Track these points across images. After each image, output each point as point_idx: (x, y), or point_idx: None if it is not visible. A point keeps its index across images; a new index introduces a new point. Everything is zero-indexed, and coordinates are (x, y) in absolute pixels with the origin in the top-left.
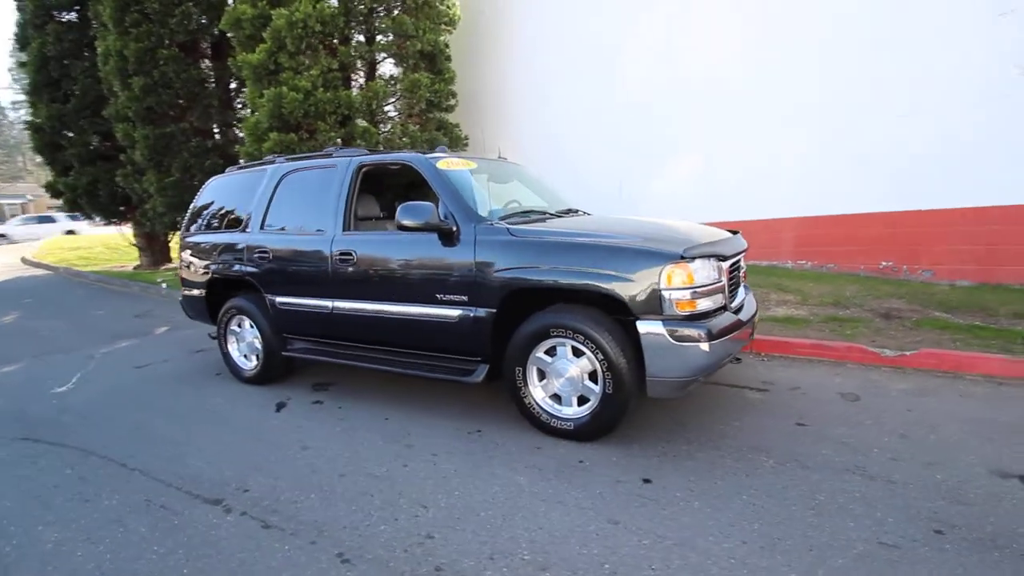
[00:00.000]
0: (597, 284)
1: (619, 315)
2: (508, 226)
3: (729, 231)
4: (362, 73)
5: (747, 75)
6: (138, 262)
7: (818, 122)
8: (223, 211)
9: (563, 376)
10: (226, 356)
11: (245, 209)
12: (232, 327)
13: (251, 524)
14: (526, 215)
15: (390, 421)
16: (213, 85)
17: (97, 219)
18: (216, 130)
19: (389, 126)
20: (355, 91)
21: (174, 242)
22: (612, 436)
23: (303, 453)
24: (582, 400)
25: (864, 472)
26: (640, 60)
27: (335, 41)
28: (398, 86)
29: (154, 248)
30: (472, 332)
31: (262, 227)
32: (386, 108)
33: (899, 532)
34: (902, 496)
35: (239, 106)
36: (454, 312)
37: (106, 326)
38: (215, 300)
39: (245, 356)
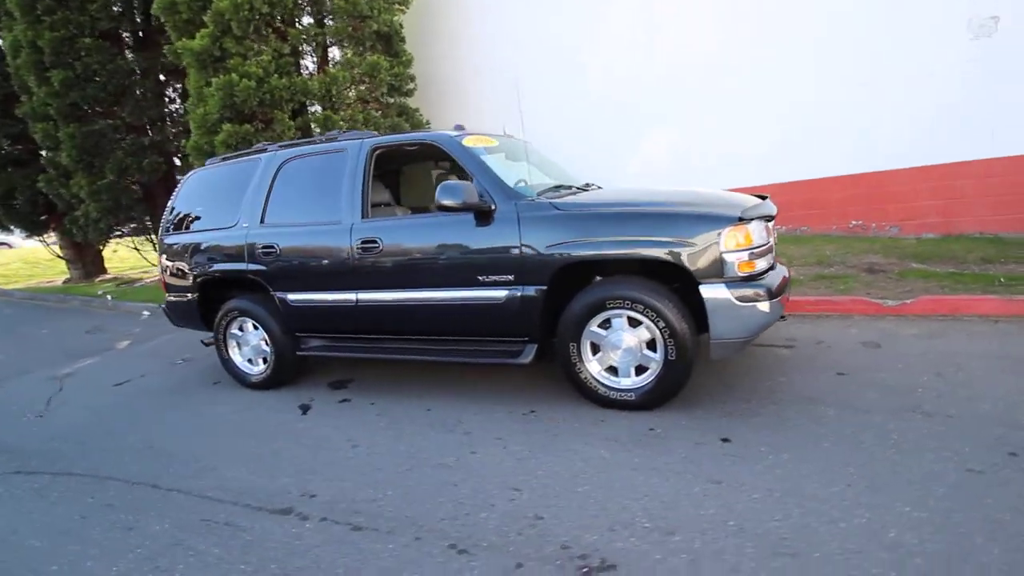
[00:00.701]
0: (657, 252)
1: (674, 282)
2: (552, 201)
3: (758, 196)
4: (312, 58)
5: (714, 59)
6: (67, 275)
7: (783, 97)
8: (210, 207)
9: (620, 348)
10: (227, 362)
11: (237, 203)
12: (232, 331)
13: (338, 529)
14: (556, 190)
15: (433, 411)
16: (140, 76)
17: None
18: (148, 125)
19: (349, 112)
20: (310, 77)
21: (111, 251)
22: (668, 404)
23: (355, 451)
24: (639, 370)
25: (920, 410)
26: (608, 50)
27: (283, 24)
28: (356, 70)
29: (85, 259)
30: (520, 312)
31: (262, 221)
32: (348, 94)
33: (979, 459)
34: (964, 428)
35: (173, 98)
36: (500, 293)
37: (56, 345)
38: (207, 304)
39: (250, 360)
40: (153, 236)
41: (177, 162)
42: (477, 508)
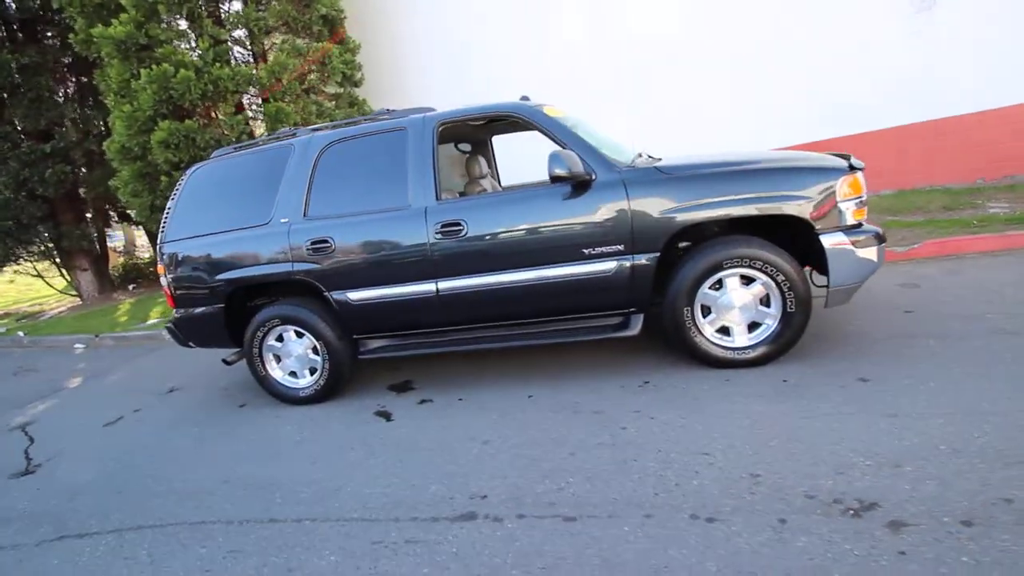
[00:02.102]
0: (780, 206)
1: (779, 235)
2: (656, 166)
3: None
4: (246, 46)
5: (677, 31)
6: None
7: (751, 68)
8: (228, 204)
9: (734, 307)
10: (264, 380)
11: (268, 197)
12: (270, 342)
13: (549, 523)
14: (638, 157)
15: (537, 398)
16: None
17: None
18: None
19: (301, 103)
20: (255, 65)
21: (6, 280)
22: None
23: (490, 447)
24: (751, 327)
25: (1004, 330)
26: (568, 28)
27: (219, 7)
28: (305, 57)
29: None
30: (631, 282)
31: (305, 215)
32: (297, 83)
33: None
34: None
35: (73, 96)
36: (608, 264)
37: None
38: (233, 315)
39: (293, 374)
40: (59, 259)
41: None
42: (682, 477)
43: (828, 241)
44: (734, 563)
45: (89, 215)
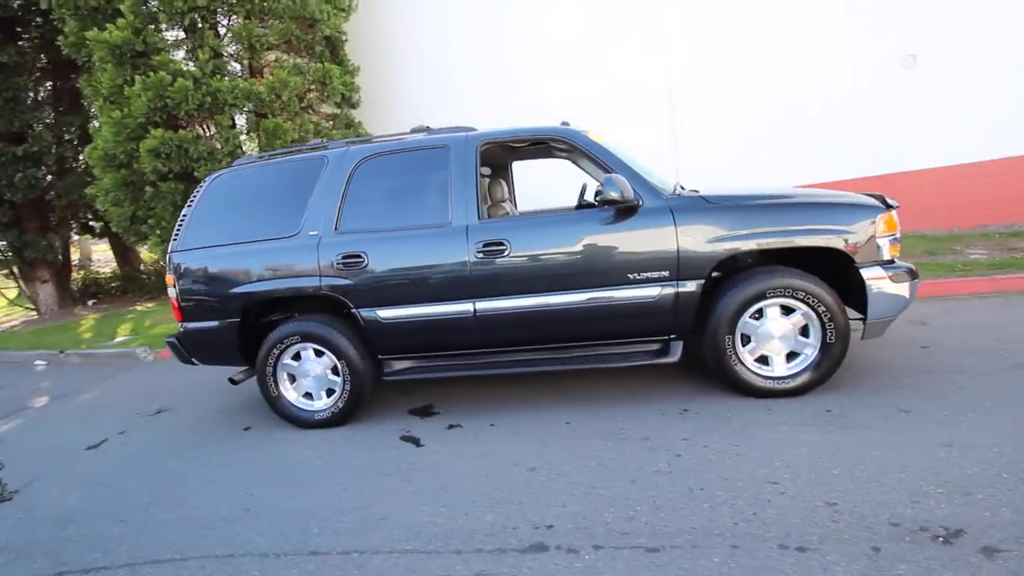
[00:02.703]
0: (823, 240)
1: (818, 269)
2: (701, 195)
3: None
4: (244, 60)
5: (649, 68)
6: None
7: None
8: (253, 214)
9: (774, 336)
10: (276, 401)
11: (298, 208)
12: (285, 361)
13: (630, 553)
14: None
15: (575, 424)
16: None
17: None
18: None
19: (299, 121)
20: (255, 80)
21: None
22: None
23: (539, 474)
24: (789, 357)
25: (1021, 365)
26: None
27: (218, 21)
28: (306, 76)
29: None
30: (675, 308)
31: (336, 228)
32: (296, 102)
33: None
34: None
35: (47, 99)
36: (652, 291)
37: None
38: (247, 332)
39: (308, 395)
40: (17, 270)
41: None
42: (756, 506)
43: (868, 274)
44: None
45: (54, 224)
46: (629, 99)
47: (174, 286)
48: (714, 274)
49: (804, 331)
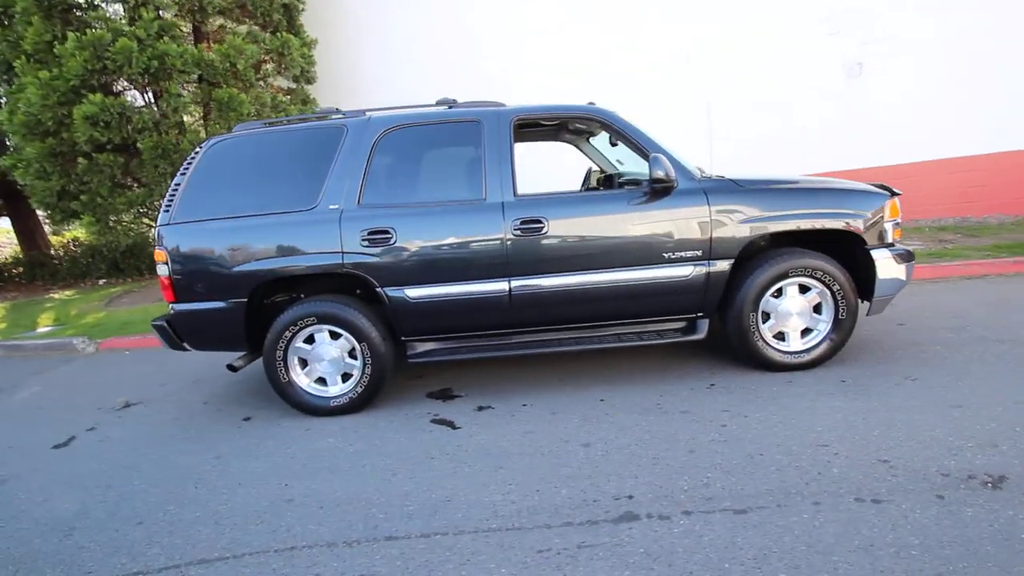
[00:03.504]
0: (842, 223)
1: (828, 250)
2: (731, 178)
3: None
4: (190, 25)
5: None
6: None
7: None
8: (260, 185)
9: (792, 314)
10: (287, 387)
11: (312, 180)
12: (297, 344)
13: (720, 516)
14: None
15: (608, 401)
16: None
17: None
18: None
19: (255, 92)
20: (206, 46)
21: None
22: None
23: (595, 450)
24: (804, 332)
25: (990, 339)
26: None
27: None
28: (263, 45)
29: None
30: (706, 286)
31: (359, 202)
32: (251, 72)
33: None
34: None
35: None
36: (685, 269)
37: None
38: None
39: (320, 381)
40: None
41: None
42: (818, 467)
43: (878, 255)
44: (933, 536)
45: None
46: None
47: (166, 263)
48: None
49: (817, 308)
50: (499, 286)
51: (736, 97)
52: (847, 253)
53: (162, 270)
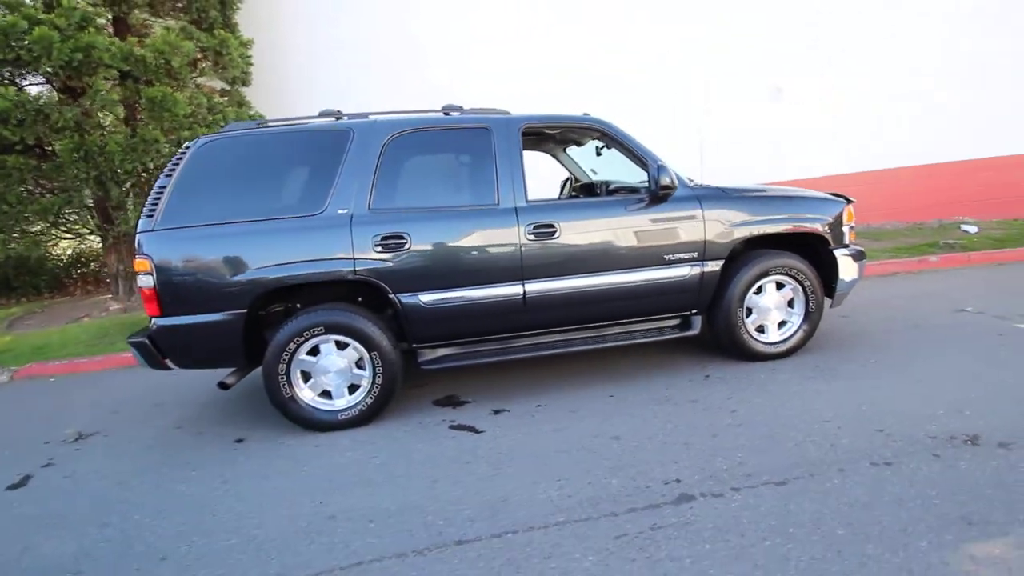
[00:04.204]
0: (815, 227)
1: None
2: (718, 186)
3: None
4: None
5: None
6: None
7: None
8: (256, 188)
9: (771, 309)
10: (289, 403)
11: (317, 183)
12: (300, 357)
13: (769, 489)
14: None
15: (617, 397)
16: None
17: None
18: None
19: (189, 93)
20: (138, 41)
21: None
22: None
23: (626, 442)
24: (780, 325)
25: (918, 327)
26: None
27: None
28: (198, 41)
29: None
30: (700, 285)
31: (370, 207)
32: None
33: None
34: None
35: None
36: (682, 270)
37: None
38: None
39: (325, 394)
40: None
41: None
42: (830, 440)
43: (839, 254)
44: (945, 487)
45: None
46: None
47: (150, 273)
48: None
49: (790, 303)
50: (514, 289)
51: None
52: (812, 254)
53: (145, 281)
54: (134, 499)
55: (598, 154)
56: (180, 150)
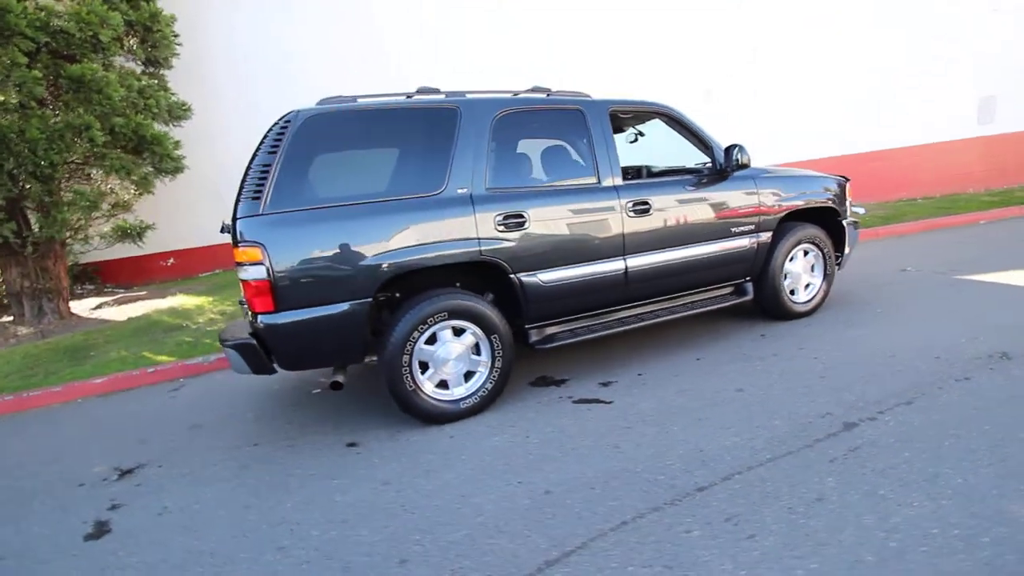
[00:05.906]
0: (828, 201)
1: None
2: (760, 168)
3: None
4: None
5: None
6: None
7: None
8: (367, 166)
9: (800, 273)
10: (410, 397)
11: (433, 162)
12: (421, 346)
13: (896, 413)
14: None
15: (703, 360)
16: None
17: None
18: None
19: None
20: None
21: None
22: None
23: (751, 393)
24: (806, 287)
25: (854, 323)
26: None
27: None
28: (125, 15)
29: None
30: (756, 255)
31: (486, 186)
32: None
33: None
34: (895, 326)
35: None
36: (744, 241)
37: None
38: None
39: (442, 384)
40: None
41: None
42: (919, 363)
43: (846, 225)
44: (983, 410)
45: None
46: None
47: (261, 263)
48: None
49: (812, 268)
50: (617, 265)
51: None
52: (823, 224)
53: (256, 273)
54: (300, 519)
55: (634, 141)
56: (279, 125)
